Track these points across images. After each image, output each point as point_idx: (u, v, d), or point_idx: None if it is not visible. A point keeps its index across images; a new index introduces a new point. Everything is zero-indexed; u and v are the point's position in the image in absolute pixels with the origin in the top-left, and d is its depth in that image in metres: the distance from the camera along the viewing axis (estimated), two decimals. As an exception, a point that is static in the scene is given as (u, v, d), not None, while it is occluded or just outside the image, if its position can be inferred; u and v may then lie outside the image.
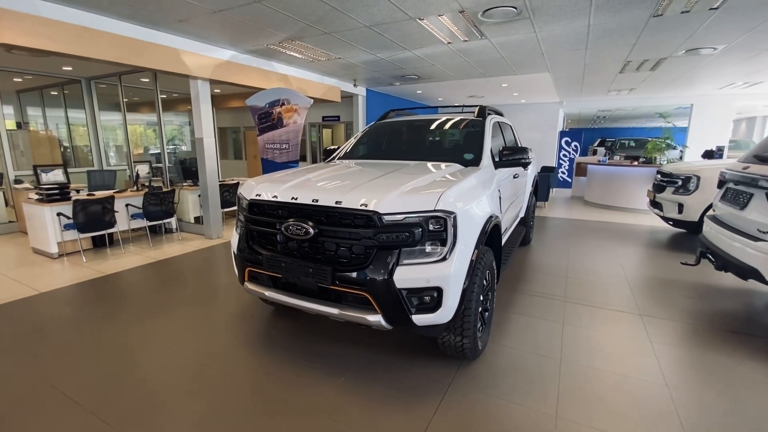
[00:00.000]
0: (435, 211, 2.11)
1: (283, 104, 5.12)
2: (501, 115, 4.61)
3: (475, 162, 3.09)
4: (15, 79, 7.41)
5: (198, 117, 5.62)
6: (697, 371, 2.55)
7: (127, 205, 5.68)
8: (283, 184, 2.50)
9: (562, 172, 12.73)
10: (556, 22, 4.57)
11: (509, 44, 5.58)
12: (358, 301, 2.22)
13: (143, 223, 5.75)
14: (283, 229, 2.31)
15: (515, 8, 4.11)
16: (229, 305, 3.54)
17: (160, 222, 5.98)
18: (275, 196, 2.42)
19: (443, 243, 2.15)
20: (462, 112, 4.17)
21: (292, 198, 2.34)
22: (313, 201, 2.27)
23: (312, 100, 5.46)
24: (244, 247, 2.57)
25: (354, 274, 2.13)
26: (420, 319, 2.15)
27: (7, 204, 6.61)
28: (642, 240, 5.93)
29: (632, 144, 17.52)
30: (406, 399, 2.27)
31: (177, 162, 9.37)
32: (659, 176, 6.00)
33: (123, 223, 5.67)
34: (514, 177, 3.91)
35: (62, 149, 8.65)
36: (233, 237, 2.77)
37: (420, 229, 2.09)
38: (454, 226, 2.15)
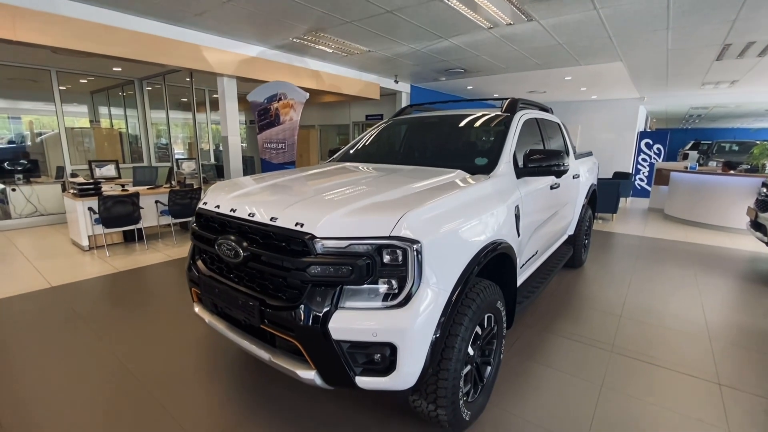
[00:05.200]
0: (391, 238, 1.53)
1: (280, 99, 4.77)
2: (546, 110, 3.81)
3: (487, 169, 2.42)
4: (81, 81, 8.02)
5: (224, 115, 5.52)
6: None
7: (156, 202, 5.76)
8: (232, 191, 2.09)
9: (640, 179, 11.04)
10: (623, -6, 3.65)
11: (565, 27, 4.68)
12: (292, 349, 1.72)
13: (171, 220, 5.79)
14: (216, 247, 1.89)
15: (564, -23, 3.31)
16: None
17: (188, 219, 5.99)
18: (217, 206, 2.01)
19: (402, 282, 1.56)
20: (499, 107, 3.46)
21: (231, 210, 1.91)
22: (249, 215, 1.81)
23: (308, 94, 5.03)
24: (189, 264, 2.20)
25: (283, 315, 1.63)
26: (366, 382, 1.59)
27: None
28: (737, 271, 4.65)
29: (734, 147, 14.81)
30: (354, 481, 1.72)
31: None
32: (765, 190, 4.67)
33: (153, 219, 5.77)
34: (552, 188, 3.13)
35: (123, 145, 9.29)
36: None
37: (368, 262, 1.53)
38: (419, 259, 1.55)
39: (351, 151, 3.32)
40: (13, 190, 6.53)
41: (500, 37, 5.16)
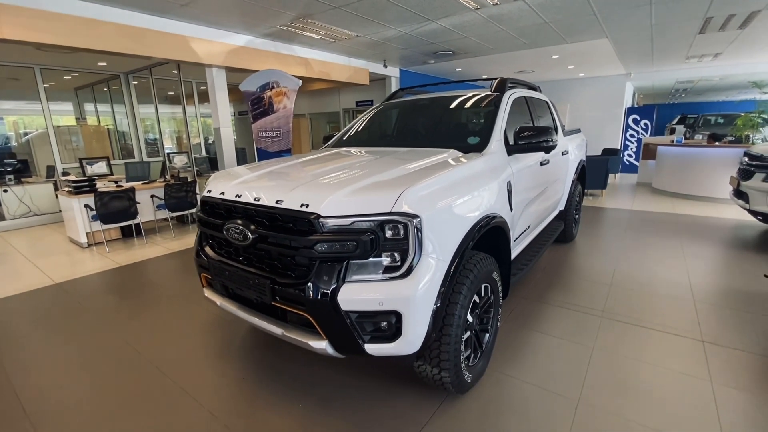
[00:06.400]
0: (392, 213, 1.63)
1: (273, 87, 4.80)
2: (535, 89, 3.89)
3: (480, 147, 2.51)
4: (65, 77, 7.89)
5: (214, 106, 5.51)
6: (778, 435, 1.83)
7: (152, 196, 5.78)
8: (235, 179, 2.16)
9: (628, 155, 11.23)
10: (606, -29, 3.70)
11: (551, 5, 4.72)
12: (303, 322, 1.83)
13: (167, 213, 5.82)
14: (224, 232, 1.97)
15: (548, -45, 3.35)
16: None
17: (184, 213, 6.03)
18: (222, 193, 2.08)
19: (404, 254, 1.67)
20: (489, 87, 3.54)
21: (236, 196, 1.99)
22: (255, 200, 1.89)
23: (300, 82, 5.06)
24: (198, 250, 2.29)
25: (294, 291, 1.73)
26: (375, 348, 1.71)
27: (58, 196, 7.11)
28: (721, 238, 4.85)
29: (720, 120, 15.00)
30: (366, 441, 1.86)
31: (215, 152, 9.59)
32: (746, 159, 4.84)
33: (150, 213, 5.79)
34: (542, 164, 3.24)
35: (112, 141, 9.19)
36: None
37: (372, 237, 1.63)
38: (419, 232, 1.66)
39: (345, 137, 3.39)
40: (5, 191, 6.48)
41: (487, 18, 5.19)
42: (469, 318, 2.00)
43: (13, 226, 6.44)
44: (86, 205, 5.15)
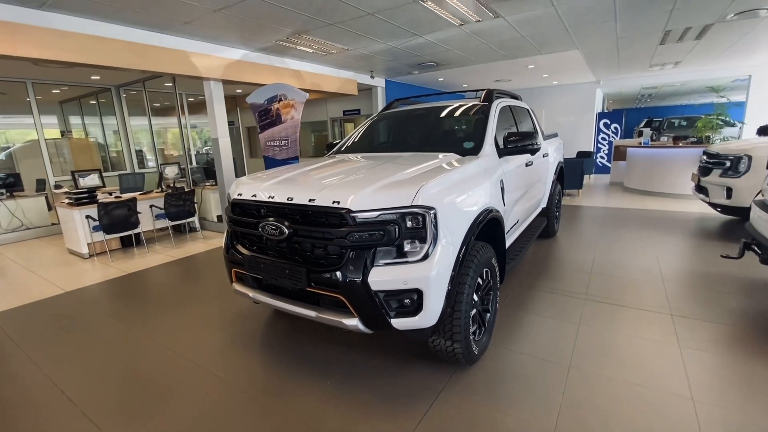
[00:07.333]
0: (412, 206, 1.94)
1: (280, 100, 5.08)
2: (517, 98, 4.29)
3: (475, 150, 2.86)
4: (54, 91, 7.91)
5: (212, 118, 5.71)
6: (733, 384, 2.21)
7: (151, 206, 5.90)
8: (264, 182, 2.43)
9: (601, 157, 11.91)
10: (576, -7, 4.16)
11: (527, 21, 5.18)
12: (335, 304, 2.10)
13: (167, 223, 5.95)
14: (260, 229, 2.23)
15: (525, -20, 3.76)
16: (232, 303, 3.55)
17: (183, 221, 6.17)
18: (254, 195, 2.34)
19: (422, 241, 1.97)
20: (476, 97, 3.91)
21: (269, 197, 2.25)
22: (288, 199, 2.16)
23: (307, 95, 5.38)
24: (229, 248, 2.53)
25: (328, 276, 2.01)
26: (400, 323, 2.00)
27: (50, 208, 7.11)
28: (686, 229, 5.36)
29: (683, 123, 16.04)
30: (392, 407, 2.13)
31: (206, 162, 9.69)
32: (705, 157, 5.39)
33: (148, 223, 5.90)
34: (527, 165, 3.61)
35: (102, 154, 9.20)
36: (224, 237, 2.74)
37: (396, 227, 1.93)
38: (435, 222, 1.97)
39: (347, 145, 3.68)
40: (-3, 205, 6.45)
41: (470, 33, 5.61)
42: (475, 297, 2.31)
43: (6, 240, 6.41)
44: (88, 216, 5.24)
